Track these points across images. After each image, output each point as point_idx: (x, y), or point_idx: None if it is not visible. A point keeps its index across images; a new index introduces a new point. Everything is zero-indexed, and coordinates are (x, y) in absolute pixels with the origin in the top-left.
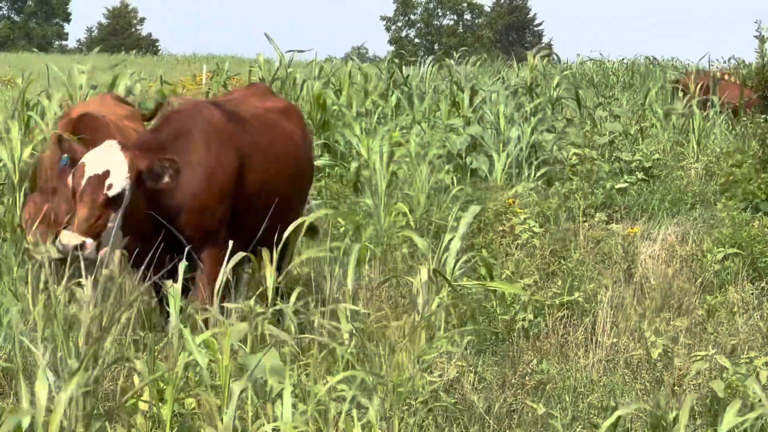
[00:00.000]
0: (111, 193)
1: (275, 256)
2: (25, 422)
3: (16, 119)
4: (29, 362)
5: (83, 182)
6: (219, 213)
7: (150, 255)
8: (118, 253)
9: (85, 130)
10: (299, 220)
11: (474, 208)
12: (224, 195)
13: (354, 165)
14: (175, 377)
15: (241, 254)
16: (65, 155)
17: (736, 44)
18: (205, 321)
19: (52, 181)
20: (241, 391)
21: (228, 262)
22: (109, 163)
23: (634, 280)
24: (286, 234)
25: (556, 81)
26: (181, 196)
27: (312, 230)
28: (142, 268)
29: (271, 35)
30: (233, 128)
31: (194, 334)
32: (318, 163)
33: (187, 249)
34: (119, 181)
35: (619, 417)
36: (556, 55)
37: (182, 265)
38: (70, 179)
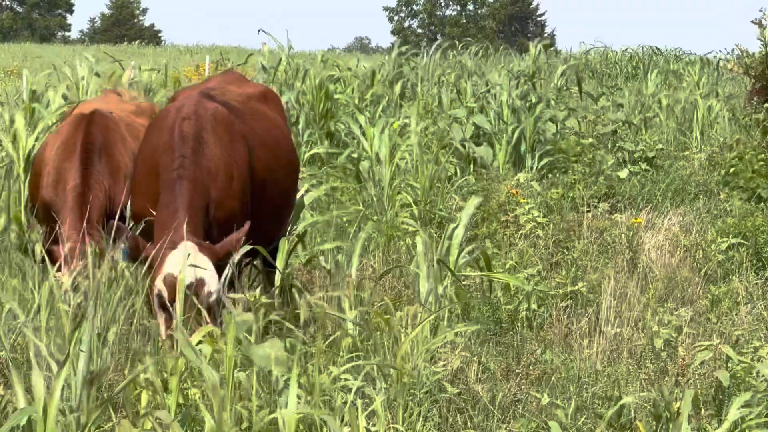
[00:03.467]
0: (211, 300)
1: (285, 246)
2: (23, 420)
3: (21, 110)
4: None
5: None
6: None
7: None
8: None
9: (97, 129)
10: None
11: (474, 200)
12: (245, 193)
13: (354, 154)
14: (179, 368)
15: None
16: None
17: (740, 34)
18: None
19: (56, 183)
20: (243, 381)
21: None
22: (200, 271)
23: (638, 270)
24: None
25: (560, 71)
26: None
27: None
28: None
29: (273, 25)
30: (237, 121)
31: None
32: (319, 150)
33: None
34: (215, 285)
35: (622, 407)
36: (555, 48)
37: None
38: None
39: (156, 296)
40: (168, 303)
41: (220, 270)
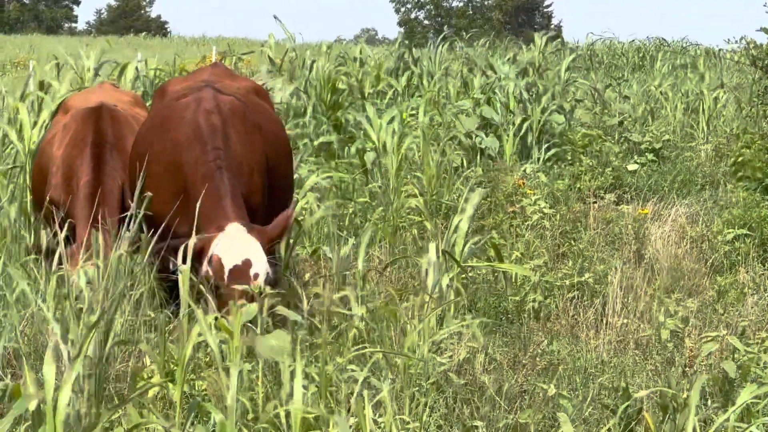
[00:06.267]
0: (260, 282)
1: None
2: (32, 407)
3: (26, 101)
4: (40, 343)
5: (225, 276)
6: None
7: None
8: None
9: (106, 123)
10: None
11: (479, 191)
12: (265, 186)
13: (358, 146)
14: (185, 358)
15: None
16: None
17: (746, 25)
18: None
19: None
20: (250, 372)
21: None
22: (248, 252)
23: (645, 261)
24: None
25: (566, 62)
26: None
27: None
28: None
29: (280, 17)
30: (250, 114)
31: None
32: (329, 139)
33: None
34: (263, 267)
35: (629, 398)
36: (561, 39)
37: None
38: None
39: (205, 279)
40: (218, 285)
41: (273, 252)
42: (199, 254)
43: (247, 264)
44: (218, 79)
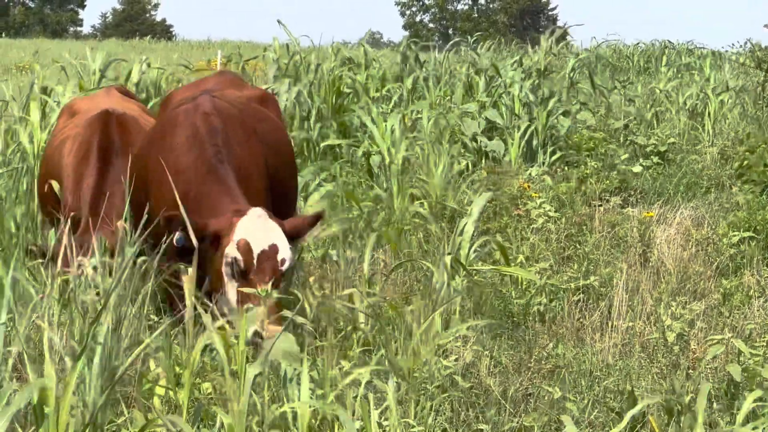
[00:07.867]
0: (284, 268)
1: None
2: (36, 395)
3: (35, 103)
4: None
5: (254, 260)
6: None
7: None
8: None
9: (113, 128)
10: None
11: (485, 195)
12: (267, 193)
13: (363, 148)
14: (192, 362)
15: None
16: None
17: (749, 27)
18: None
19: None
20: (257, 375)
21: None
22: (273, 236)
23: (650, 264)
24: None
25: (571, 65)
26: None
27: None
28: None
29: (285, 20)
30: (249, 121)
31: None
32: (333, 142)
33: None
34: (288, 252)
35: (636, 403)
36: (571, 37)
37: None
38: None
39: (228, 264)
40: (243, 269)
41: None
42: (216, 238)
43: (273, 249)
44: (220, 88)
